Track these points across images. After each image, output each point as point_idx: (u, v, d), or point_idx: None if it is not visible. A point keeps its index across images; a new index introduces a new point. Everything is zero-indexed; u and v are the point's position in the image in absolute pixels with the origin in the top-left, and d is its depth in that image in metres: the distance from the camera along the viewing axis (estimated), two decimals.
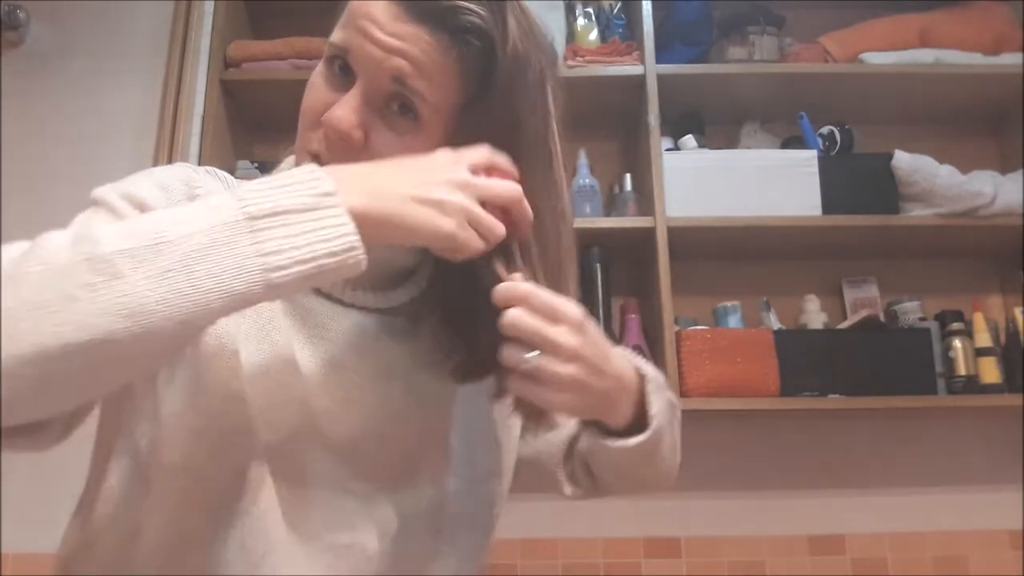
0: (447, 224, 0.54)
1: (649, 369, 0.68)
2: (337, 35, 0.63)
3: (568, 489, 0.82)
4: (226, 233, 0.48)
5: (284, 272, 0.48)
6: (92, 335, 0.44)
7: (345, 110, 0.60)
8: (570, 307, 0.58)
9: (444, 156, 0.58)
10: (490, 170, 0.59)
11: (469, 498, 0.70)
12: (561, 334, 0.56)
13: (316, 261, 0.49)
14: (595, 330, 0.60)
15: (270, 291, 0.49)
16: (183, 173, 0.65)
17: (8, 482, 1.67)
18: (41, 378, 0.44)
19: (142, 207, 0.60)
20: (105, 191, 0.61)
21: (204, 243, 0.47)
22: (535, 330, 0.56)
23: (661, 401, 0.67)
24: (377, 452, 0.65)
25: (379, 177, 0.55)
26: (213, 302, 0.47)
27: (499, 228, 0.57)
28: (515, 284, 0.58)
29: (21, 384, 0.44)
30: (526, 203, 0.59)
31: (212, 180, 0.67)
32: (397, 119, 0.61)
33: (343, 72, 0.63)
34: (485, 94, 0.60)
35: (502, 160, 0.60)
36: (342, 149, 0.61)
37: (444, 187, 0.55)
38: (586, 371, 0.57)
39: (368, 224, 0.52)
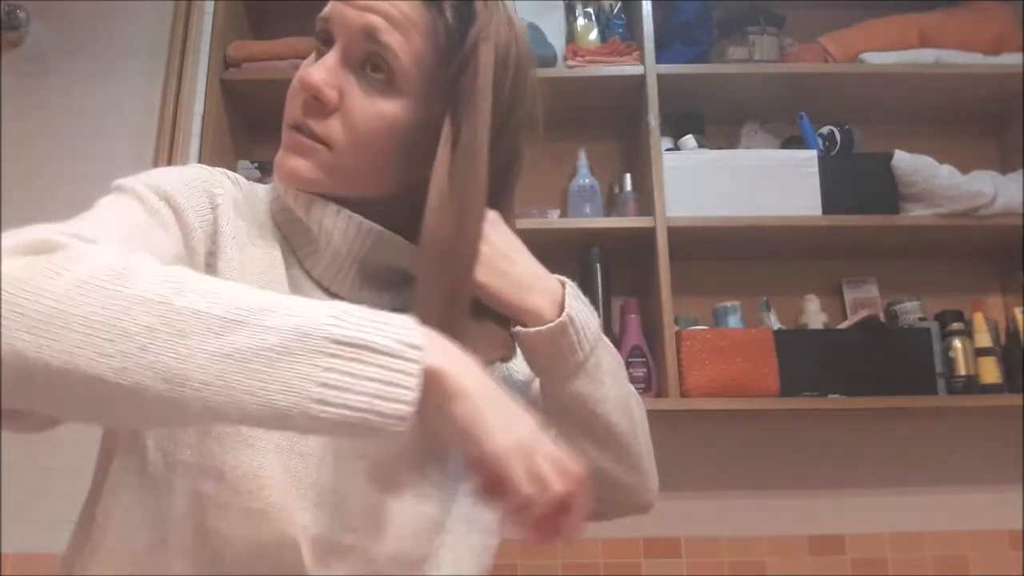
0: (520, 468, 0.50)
1: (571, 283, 0.69)
2: (322, 11, 0.65)
3: None
4: (300, 344, 0.46)
5: (327, 409, 0.46)
6: (121, 380, 0.43)
7: (320, 69, 0.62)
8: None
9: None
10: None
11: (471, 499, 0.70)
12: None
13: (364, 414, 0.46)
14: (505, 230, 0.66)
15: (305, 421, 0.46)
16: (201, 174, 0.66)
17: (8, 482, 1.67)
18: (48, 387, 0.43)
19: (168, 199, 0.60)
20: (130, 180, 0.61)
21: (272, 343, 0.45)
22: None
23: (580, 307, 0.67)
24: (381, 452, 0.65)
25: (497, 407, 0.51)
26: (248, 405, 0.45)
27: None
28: None
29: (24, 382, 0.43)
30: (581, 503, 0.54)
31: (227, 181, 0.68)
32: (372, 81, 0.63)
33: (327, 45, 0.65)
34: (459, 57, 0.61)
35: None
36: (317, 109, 0.63)
37: (538, 443, 0.52)
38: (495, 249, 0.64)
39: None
